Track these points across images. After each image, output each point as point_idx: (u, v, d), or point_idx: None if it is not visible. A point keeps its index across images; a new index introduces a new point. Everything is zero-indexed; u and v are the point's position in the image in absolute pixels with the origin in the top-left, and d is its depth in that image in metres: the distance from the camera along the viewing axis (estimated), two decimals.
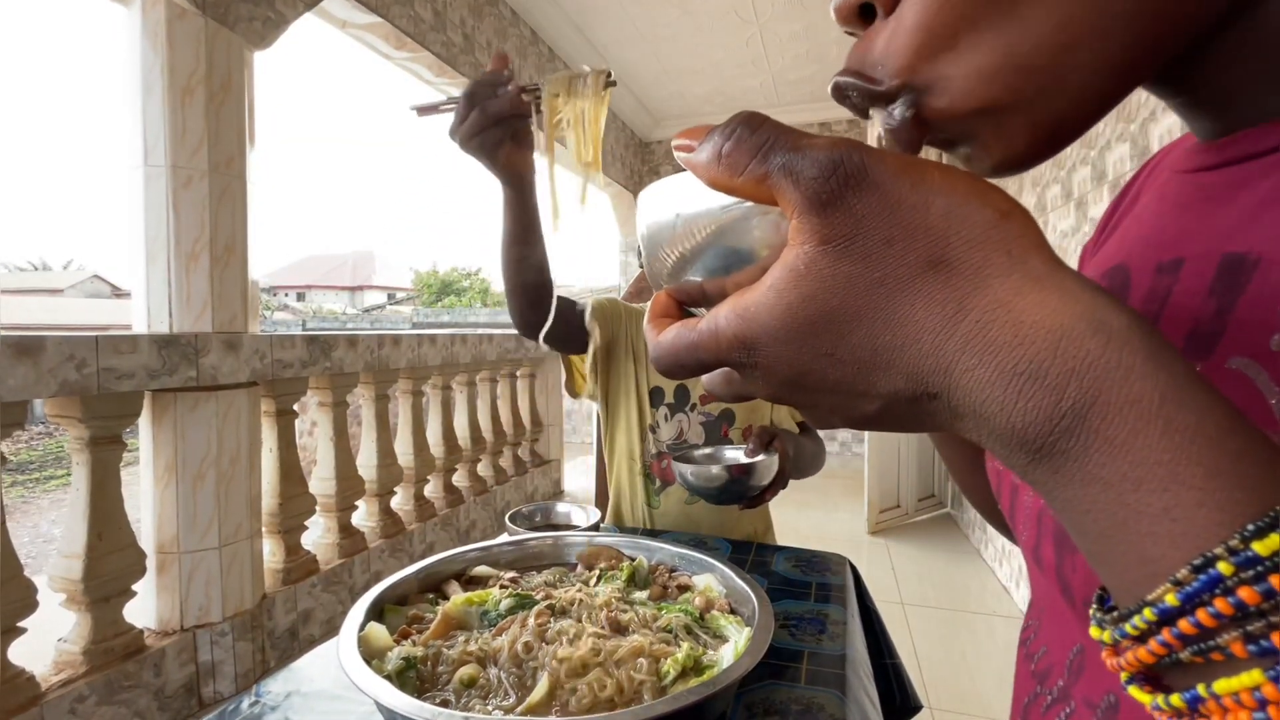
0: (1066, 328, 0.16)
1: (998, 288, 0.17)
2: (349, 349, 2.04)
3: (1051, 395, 0.16)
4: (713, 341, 0.20)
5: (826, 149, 0.18)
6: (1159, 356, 0.16)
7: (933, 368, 0.17)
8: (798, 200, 0.18)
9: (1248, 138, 0.25)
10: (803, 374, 0.19)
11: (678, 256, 0.23)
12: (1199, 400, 0.15)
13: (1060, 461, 0.16)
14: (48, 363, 1.22)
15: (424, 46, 2.54)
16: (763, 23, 3.50)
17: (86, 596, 1.34)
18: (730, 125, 0.19)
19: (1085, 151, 1.92)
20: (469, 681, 0.47)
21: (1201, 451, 0.14)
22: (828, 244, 0.18)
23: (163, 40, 1.53)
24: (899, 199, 0.17)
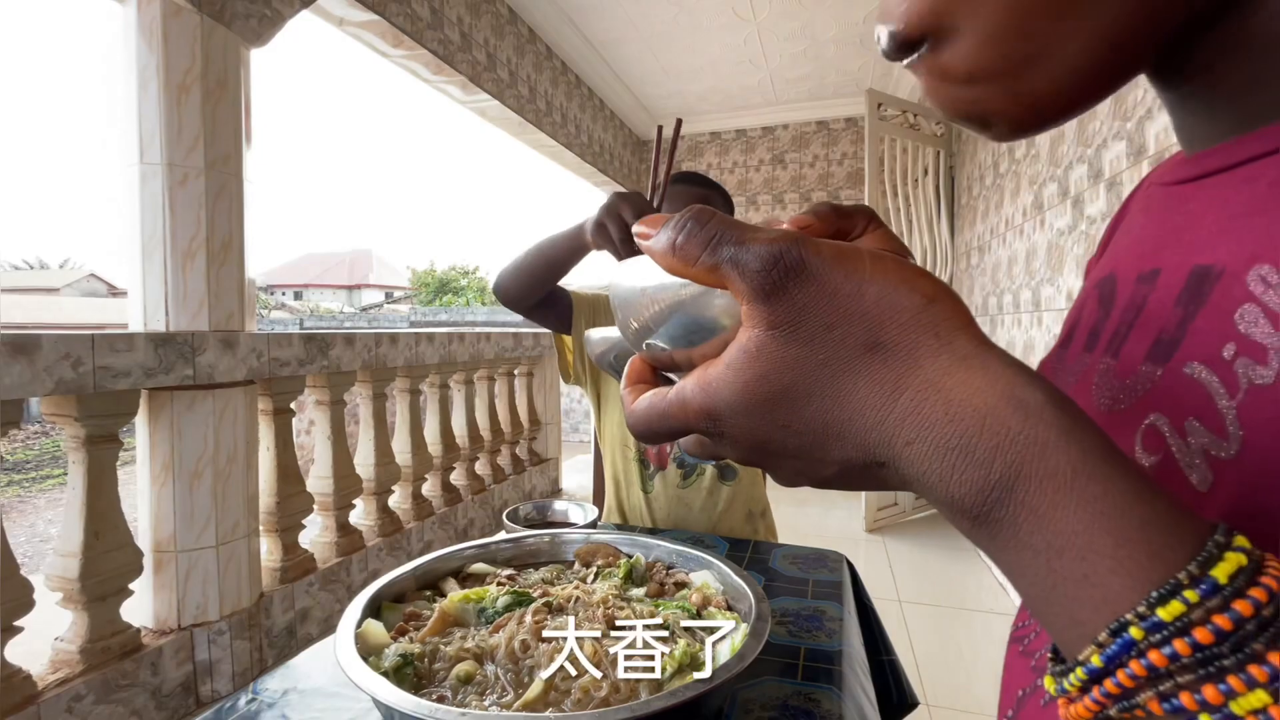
0: (990, 406, 0.17)
1: (928, 368, 0.18)
2: (346, 347, 2.04)
3: (981, 469, 0.17)
4: (680, 412, 0.22)
5: (768, 243, 0.19)
6: (1072, 429, 0.17)
7: (877, 440, 0.19)
8: (745, 289, 0.20)
9: (1224, 150, 0.26)
10: (765, 441, 0.21)
11: (641, 326, 0.25)
12: (1106, 471, 0.16)
13: (996, 529, 0.17)
14: (43, 361, 1.22)
15: (421, 44, 2.54)
16: (760, 21, 3.49)
17: (83, 595, 1.34)
18: (682, 219, 0.21)
19: (1081, 150, 1.92)
20: (466, 678, 0.47)
21: (1110, 521, 0.16)
22: (775, 329, 0.19)
23: (158, 37, 1.52)
24: (835, 288, 0.19)
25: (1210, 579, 0.15)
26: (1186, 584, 0.15)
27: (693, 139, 5.19)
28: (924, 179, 3.60)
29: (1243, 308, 0.21)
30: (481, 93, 3.03)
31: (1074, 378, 0.31)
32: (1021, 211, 2.56)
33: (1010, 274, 2.69)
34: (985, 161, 3.17)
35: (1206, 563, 0.15)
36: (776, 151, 5.01)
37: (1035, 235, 2.37)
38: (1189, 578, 0.15)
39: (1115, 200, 1.68)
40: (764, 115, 4.92)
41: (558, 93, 3.81)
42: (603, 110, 4.50)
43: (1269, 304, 0.20)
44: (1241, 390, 0.20)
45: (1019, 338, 2.53)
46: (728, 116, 4.98)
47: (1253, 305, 0.21)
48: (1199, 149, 0.28)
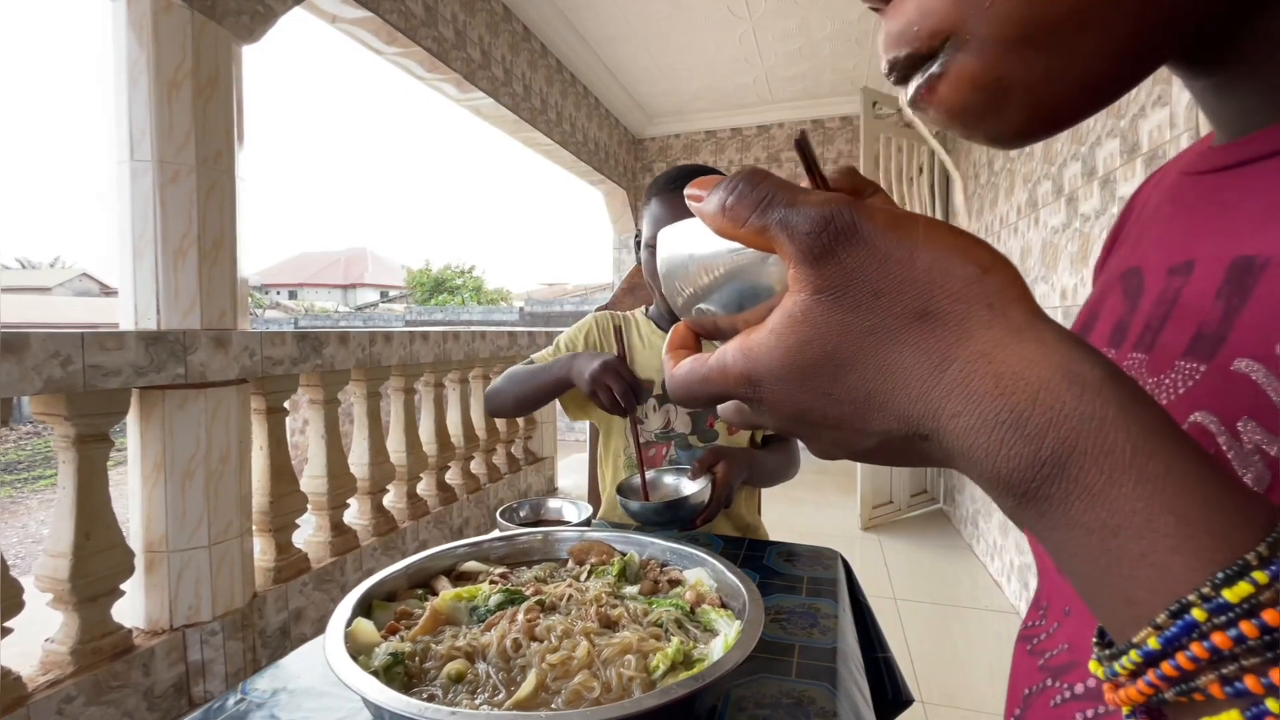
0: (1044, 379, 0.17)
1: (980, 339, 0.18)
2: (340, 346, 2.03)
3: (1031, 444, 0.16)
4: (720, 377, 0.22)
5: (819, 205, 0.19)
6: (1131, 407, 0.16)
7: (922, 412, 0.18)
8: (793, 252, 0.19)
9: (1261, 138, 0.25)
10: (804, 410, 0.21)
11: (693, 293, 0.25)
12: (1169, 449, 0.16)
13: (1044, 506, 0.17)
14: (32, 359, 1.21)
15: (415, 42, 2.53)
16: (755, 19, 3.49)
17: (74, 596, 1.32)
18: (734, 180, 0.21)
19: (1075, 147, 1.93)
20: (457, 677, 0.47)
21: (1172, 499, 0.15)
22: (821, 293, 0.19)
23: (148, 33, 1.51)
24: (886, 253, 0.19)
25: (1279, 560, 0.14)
26: (1255, 565, 0.14)
27: (688, 137, 5.18)
28: (919, 177, 3.61)
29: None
30: (476, 90, 3.01)
31: None
32: (1016, 210, 2.56)
33: None
34: (980, 160, 3.18)
35: (1276, 545, 0.14)
36: (772, 150, 5.01)
37: (1030, 233, 2.37)
38: (1258, 559, 0.14)
39: (1109, 198, 1.68)
40: (759, 113, 4.92)
41: (553, 90, 3.80)
42: (598, 108, 4.50)
43: None
44: None
45: None
46: (723, 115, 4.98)
47: None
48: (1232, 137, 0.27)
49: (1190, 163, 0.31)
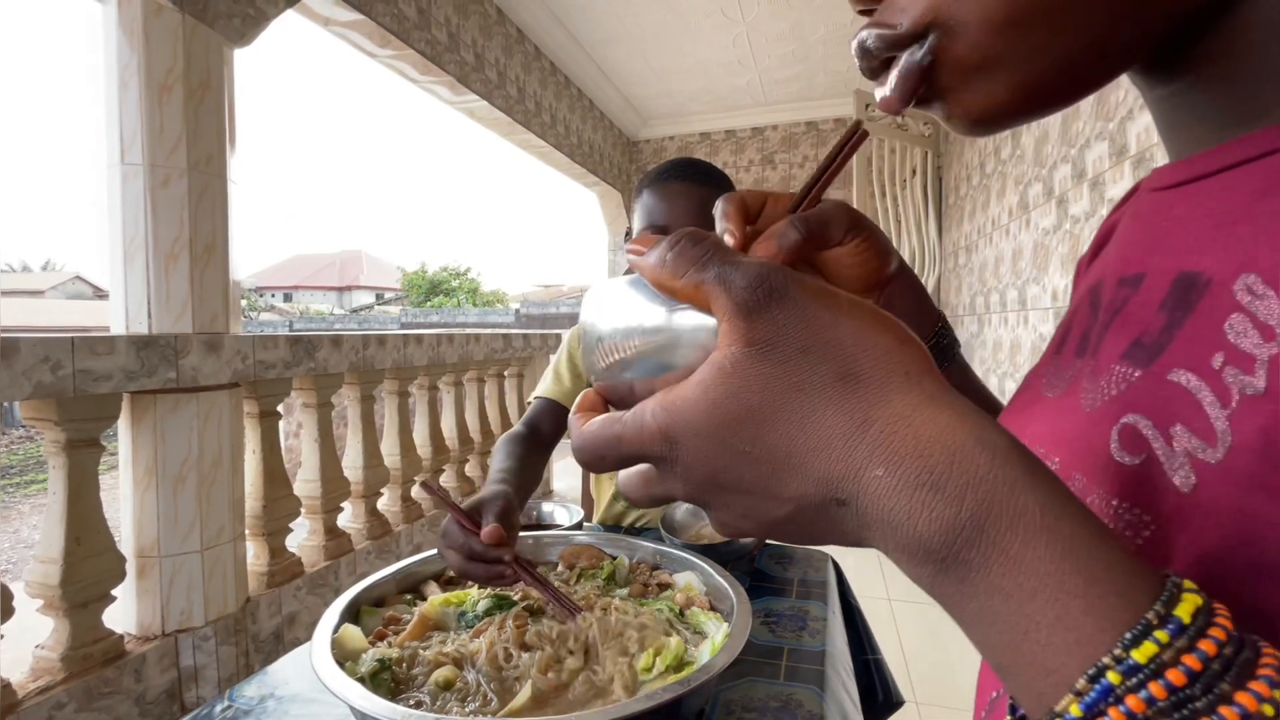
0: (959, 443, 0.18)
1: (899, 402, 0.19)
2: (333, 349, 2.02)
3: (952, 506, 0.17)
4: (636, 435, 0.22)
5: (756, 265, 0.20)
6: (1036, 472, 0.17)
7: (842, 473, 0.19)
8: (728, 305, 0.20)
9: (1208, 156, 0.26)
10: (720, 471, 0.21)
11: (617, 358, 0.25)
12: (1071, 512, 0.17)
13: (964, 572, 0.17)
14: (21, 364, 1.20)
15: (408, 44, 2.53)
16: (749, 22, 3.50)
17: (64, 602, 1.32)
18: (677, 236, 0.22)
19: (1065, 150, 1.94)
20: (445, 684, 0.47)
21: (1080, 560, 0.16)
22: (752, 346, 0.20)
23: (139, 36, 1.50)
24: (815, 315, 0.20)
25: (1175, 618, 0.15)
26: (1156, 624, 0.15)
27: (682, 139, 5.19)
28: (912, 179, 3.63)
29: (1232, 317, 0.22)
30: (470, 93, 3.01)
31: (1066, 383, 0.31)
32: (1007, 211, 2.58)
33: (997, 273, 2.71)
34: (972, 162, 3.20)
35: (1170, 602, 0.15)
36: (766, 152, 5.02)
37: (1021, 235, 2.39)
38: (1157, 617, 0.15)
39: (1099, 199, 1.69)
40: (753, 116, 4.93)
41: (547, 93, 3.80)
42: (592, 110, 4.50)
43: (1257, 314, 0.21)
44: (1235, 399, 0.20)
45: (1005, 336, 2.55)
46: (717, 117, 4.99)
47: (1241, 315, 0.21)
48: (1184, 153, 0.28)
49: (1151, 179, 0.32)
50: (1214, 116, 0.26)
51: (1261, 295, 0.21)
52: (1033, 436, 0.32)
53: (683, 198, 0.93)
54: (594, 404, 0.26)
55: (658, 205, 0.95)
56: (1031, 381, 0.36)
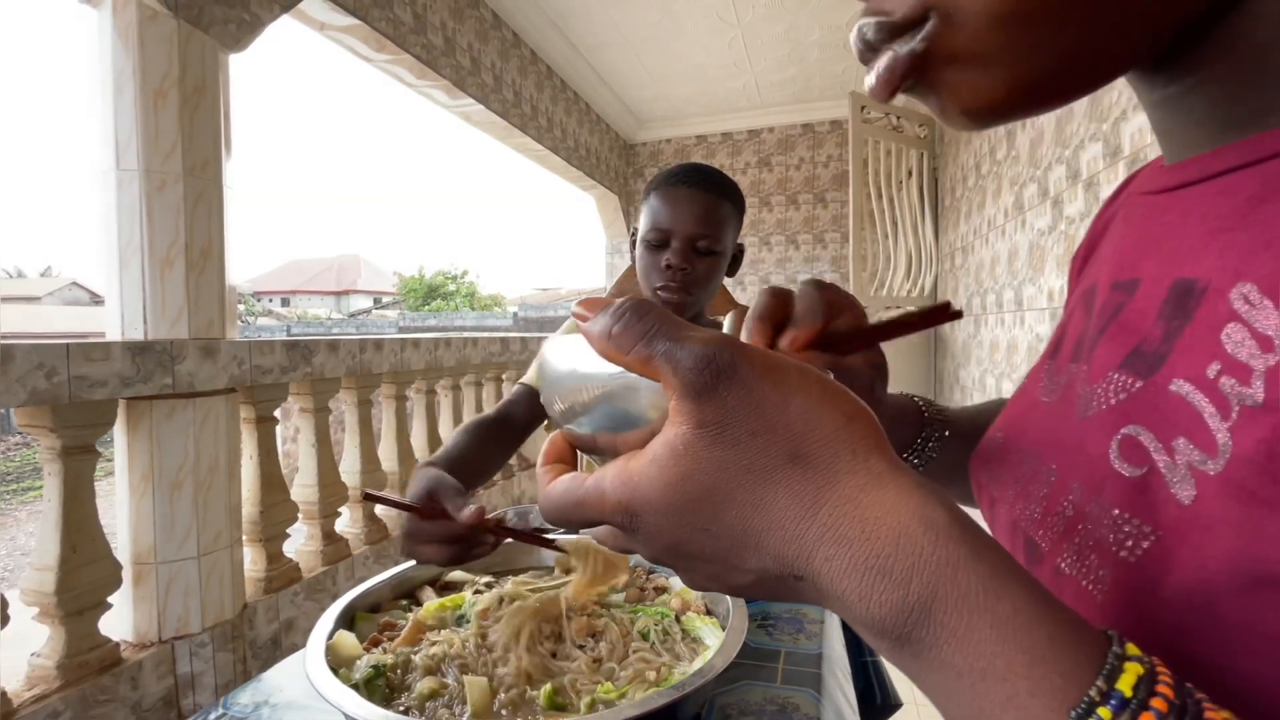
0: (903, 525, 0.18)
1: (846, 483, 0.19)
2: (330, 354, 2.02)
3: (899, 590, 0.17)
4: (598, 503, 0.22)
5: (702, 344, 0.20)
6: (979, 549, 0.18)
7: (796, 554, 0.19)
8: (676, 385, 0.20)
9: (1200, 162, 0.26)
10: (681, 543, 0.21)
11: (571, 409, 0.25)
12: (1013, 589, 0.17)
13: (919, 649, 0.18)
14: (15, 371, 1.20)
15: (404, 49, 2.53)
16: (744, 25, 3.51)
17: (60, 610, 1.31)
18: (621, 308, 0.22)
19: (1060, 151, 1.95)
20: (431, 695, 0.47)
21: (1023, 640, 0.16)
22: (703, 428, 0.20)
23: (134, 42, 1.50)
24: (764, 396, 0.19)
25: (1117, 693, 0.15)
26: (1099, 700, 0.15)
27: (679, 142, 5.20)
28: (908, 181, 3.64)
29: (1229, 326, 0.21)
30: (466, 97, 3.02)
31: (1061, 388, 0.31)
32: (1003, 212, 2.59)
33: (993, 274, 2.71)
34: (968, 163, 3.21)
35: (1111, 676, 0.15)
36: (762, 154, 5.03)
37: (1017, 235, 2.39)
38: (1099, 694, 0.15)
39: (1093, 200, 1.70)
40: (750, 118, 4.95)
41: (543, 97, 3.80)
42: (588, 114, 4.51)
43: (1254, 323, 0.21)
44: (1234, 411, 0.20)
45: (1002, 337, 2.56)
46: (714, 120, 5.00)
47: (1238, 324, 0.21)
48: (1179, 157, 0.28)
49: (1142, 182, 0.32)
50: (1211, 120, 0.25)
51: (1258, 305, 0.21)
52: (1030, 442, 0.32)
53: (686, 203, 0.92)
54: (561, 452, 0.26)
55: (662, 209, 0.94)
56: (1029, 386, 0.36)
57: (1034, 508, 0.29)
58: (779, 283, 4.95)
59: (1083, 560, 0.25)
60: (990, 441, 0.38)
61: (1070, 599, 0.25)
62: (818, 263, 4.95)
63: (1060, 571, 0.26)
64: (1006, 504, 0.33)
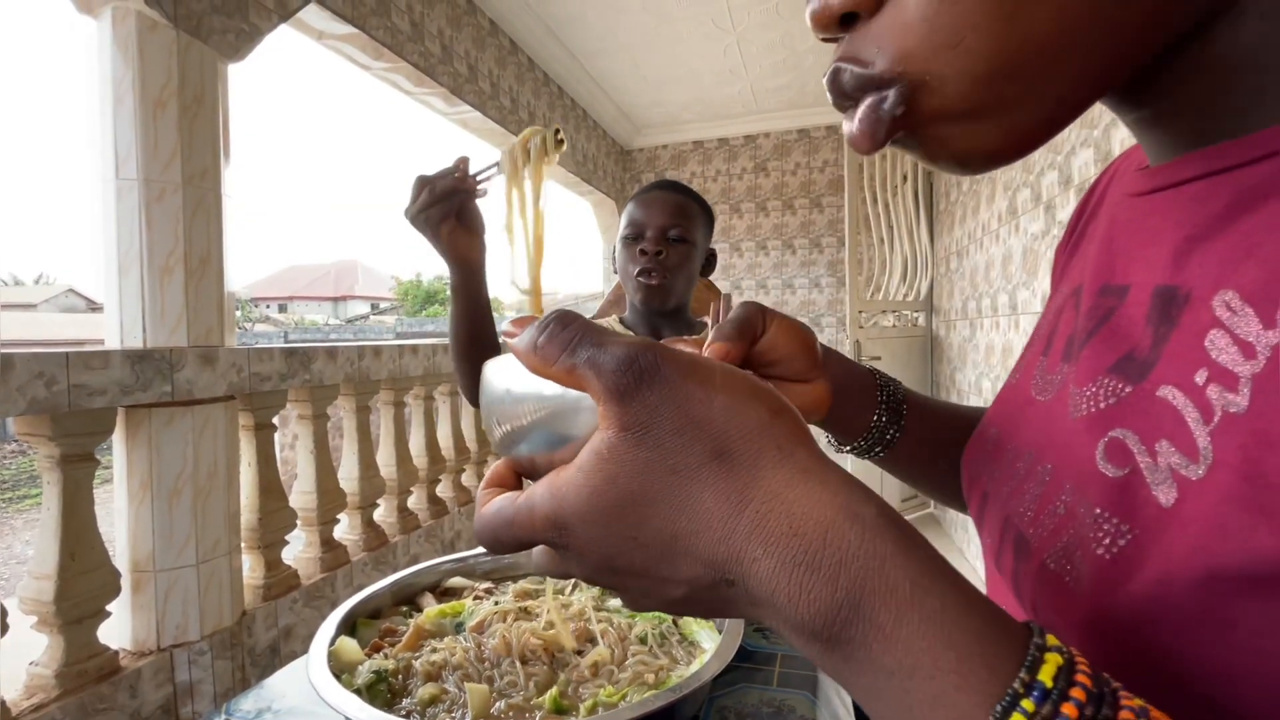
0: (830, 519, 0.18)
1: (771, 479, 0.19)
2: (328, 361, 2.02)
3: (828, 586, 0.17)
4: (528, 519, 0.22)
5: (624, 346, 0.20)
6: (906, 544, 0.18)
7: (726, 555, 0.19)
8: (600, 389, 0.20)
9: (1175, 166, 0.26)
10: (611, 556, 0.21)
11: (509, 430, 0.25)
12: (941, 585, 0.17)
13: (848, 650, 0.17)
14: (15, 380, 1.20)
15: (402, 57, 2.54)
16: (740, 32, 3.54)
17: (59, 618, 1.31)
18: (546, 320, 0.22)
19: (1052, 157, 1.97)
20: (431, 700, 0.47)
21: (950, 635, 0.16)
22: (627, 430, 0.19)
23: (134, 53, 1.51)
24: (687, 394, 0.19)
25: (1039, 684, 0.16)
26: (1022, 692, 0.15)
27: (676, 148, 5.22)
28: (903, 185, 3.66)
29: (1212, 333, 0.22)
30: (463, 104, 3.03)
31: (1055, 388, 0.32)
32: (997, 217, 2.60)
33: (988, 278, 2.73)
34: None
35: (1033, 667, 0.16)
36: (759, 160, 5.06)
37: (1010, 240, 2.41)
38: (1022, 685, 0.16)
39: None
40: (746, 124, 4.97)
41: (540, 104, 3.82)
42: (585, 120, 4.53)
43: (1236, 330, 0.21)
44: (1217, 416, 0.21)
45: (998, 340, 2.57)
46: (710, 125, 5.02)
47: (1221, 331, 0.21)
48: (1159, 161, 0.28)
49: (1128, 183, 0.32)
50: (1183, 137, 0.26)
51: (1240, 312, 0.21)
52: (1025, 440, 0.33)
53: (658, 201, 1.06)
54: (503, 477, 0.26)
55: (636, 209, 1.07)
56: (1022, 382, 0.37)
57: (1027, 505, 0.30)
58: (775, 286, 4.97)
59: (1068, 557, 0.26)
60: (984, 437, 0.38)
61: (1053, 595, 0.26)
62: (814, 267, 4.97)
63: (1046, 567, 0.27)
64: (1000, 500, 0.33)
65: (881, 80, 0.25)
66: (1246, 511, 0.19)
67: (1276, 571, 0.18)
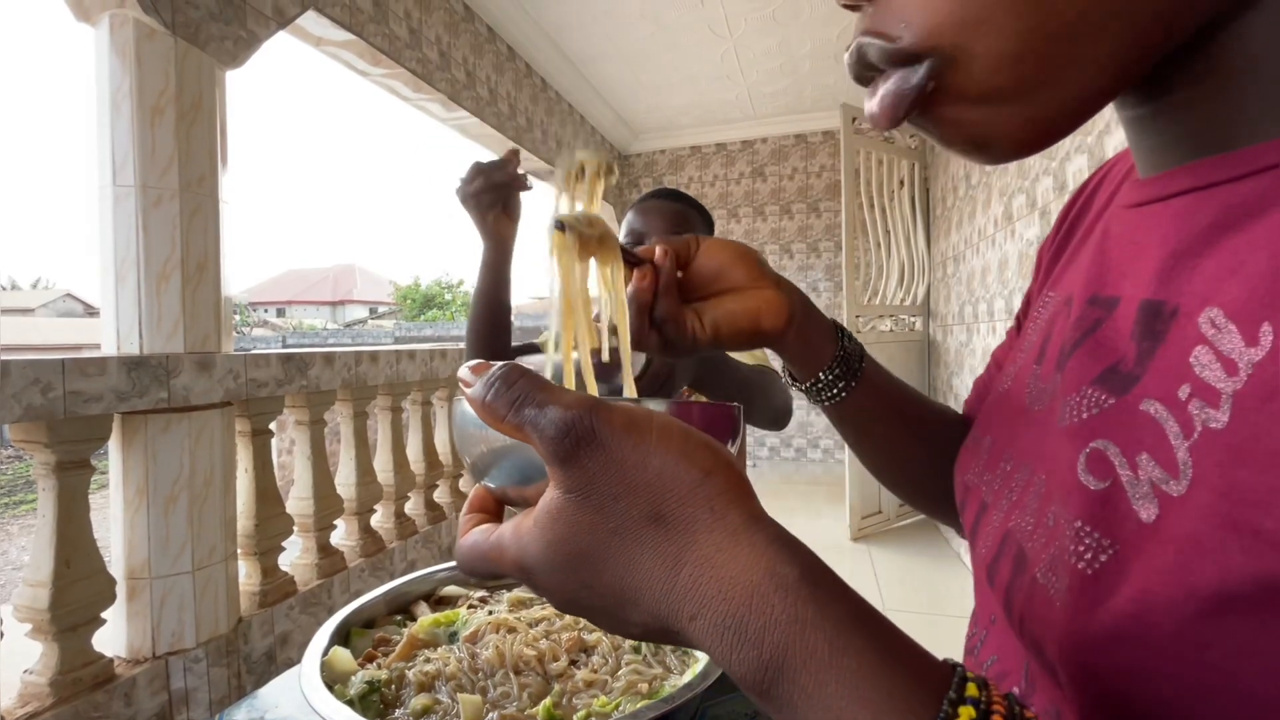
0: (756, 584, 0.19)
1: (703, 543, 0.19)
2: (325, 366, 2.02)
3: (754, 649, 0.18)
4: (499, 558, 0.23)
5: (563, 409, 0.20)
6: (825, 604, 0.18)
7: (666, 612, 0.20)
8: (543, 453, 0.21)
9: (1166, 179, 0.26)
10: (574, 598, 0.22)
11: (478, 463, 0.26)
12: (858, 643, 0.18)
13: (779, 705, 0.18)
14: (11, 387, 1.20)
15: (400, 64, 2.55)
16: (736, 38, 3.55)
17: (53, 626, 1.31)
18: (491, 377, 0.22)
19: (1047, 162, 1.98)
20: (424, 710, 0.47)
21: (866, 693, 0.17)
22: (571, 493, 0.21)
23: (131, 60, 1.52)
24: (622, 458, 0.20)
25: None
26: None
27: (673, 153, 5.24)
28: (900, 191, 3.67)
29: (1197, 349, 0.22)
30: (461, 110, 3.04)
31: (1047, 399, 0.32)
32: (993, 222, 2.61)
33: (984, 283, 2.74)
34: (958, 173, 3.24)
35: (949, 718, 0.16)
36: (756, 164, 5.07)
37: (1006, 245, 2.42)
38: None
39: None
40: (743, 129, 4.99)
41: (538, 109, 3.83)
42: (583, 125, 4.54)
43: (1220, 347, 0.21)
44: (1196, 432, 0.21)
45: (994, 345, 2.58)
46: (707, 130, 5.04)
47: (1206, 348, 0.22)
48: (1149, 173, 0.28)
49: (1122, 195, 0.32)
50: (1179, 143, 0.26)
51: (1224, 329, 0.21)
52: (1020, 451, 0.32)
53: (658, 211, 1.08)
54: (484, 502, 0.27)
55: (636, 218, 1.10)
56: (1014, 390, 0.36)
57: (1028, 519, 0.30)
58: None
59: (1054, 570, 0.26)
60: (978, 446, 0.38)
61: (1041, 608, 0.26)
62: (812, 271, 4.98)
63: (1035, 580, 0.27)
64: (1000, 512, 0.33)
65: (911, 54, 0.24)
66: (1222, 529, 0.19)
67: (1250, 590, 0.18)
